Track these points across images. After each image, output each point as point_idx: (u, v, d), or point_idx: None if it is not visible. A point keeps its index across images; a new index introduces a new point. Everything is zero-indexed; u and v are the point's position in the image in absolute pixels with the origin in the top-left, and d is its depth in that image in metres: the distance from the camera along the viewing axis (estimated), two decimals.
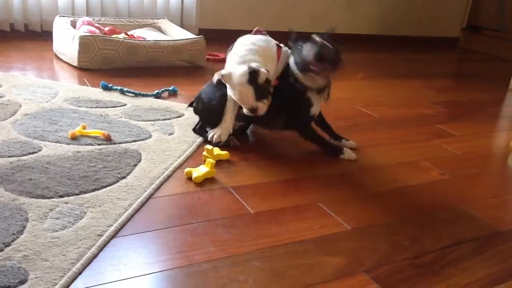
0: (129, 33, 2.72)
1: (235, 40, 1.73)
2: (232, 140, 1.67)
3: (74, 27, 2.60)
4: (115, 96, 2.00)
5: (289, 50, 1.69)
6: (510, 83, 3.08)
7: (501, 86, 3.11)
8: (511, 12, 4.28)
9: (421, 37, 4.41)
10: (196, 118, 1.76)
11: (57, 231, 1.09)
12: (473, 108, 2.60)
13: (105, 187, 1.30)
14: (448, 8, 4.49)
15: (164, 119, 1.82)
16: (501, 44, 4.20)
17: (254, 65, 1.56)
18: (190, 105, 1.78)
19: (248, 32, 1.79)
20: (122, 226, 1.15)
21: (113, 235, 1.11)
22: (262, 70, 1.55)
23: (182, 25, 3.22)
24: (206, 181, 1.41)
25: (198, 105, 1.72)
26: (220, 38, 2.15)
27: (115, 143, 1.56)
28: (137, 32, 2.77)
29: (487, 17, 4.49)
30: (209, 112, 1.69)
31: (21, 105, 1.79)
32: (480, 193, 1.60)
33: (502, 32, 4.29)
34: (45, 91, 1.96)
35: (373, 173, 1.63)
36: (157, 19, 3.02)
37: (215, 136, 1.65)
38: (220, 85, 1.62)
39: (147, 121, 1.78)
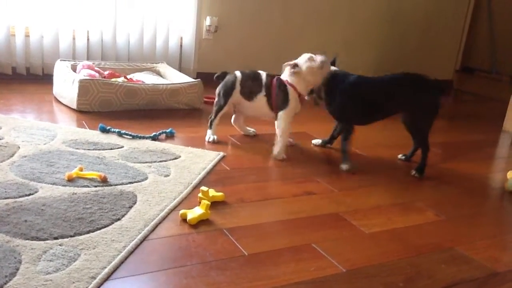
0: (128, 76, 2.78)
1: None
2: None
3: (75, 70, 2.66)
4: (112, 139, 2.02)
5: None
6: (503, 124, 3.12)
7: (495, 127, 3.14)
8: (503, 54, 4.38)
9: None
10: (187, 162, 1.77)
11: (50, 273, 1.08)
12: (467, 149, 2.63)
13: (99, 229, 1.30)
14: (441, 51, 4.59)
15: (160, 161, 1.83)
16: (494, 85, 4.28)
17: None
18: None
19: None
20: (116, 268, 1.15)
21: (107, 278, 1.11)
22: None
23: (180, 69, 3.29)
24: (201, 223, 1.42)
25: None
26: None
27: (111, 185, 1.57)
28: (136, 76, 2.83)
29: (480, 59, 4.60)
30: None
31: (19, 147, 1.81)
32: (476, 234, 1.60)
33: (495, 74, 4.38)
34: (43, 133, 1.99)
35: (367, 213, 1.64)
36: (156, 63, 3.09)
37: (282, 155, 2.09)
38: None
39: (143, 163, 1.80)
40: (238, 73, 2.17)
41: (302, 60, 2.07)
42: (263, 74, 2.16)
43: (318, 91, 2.12)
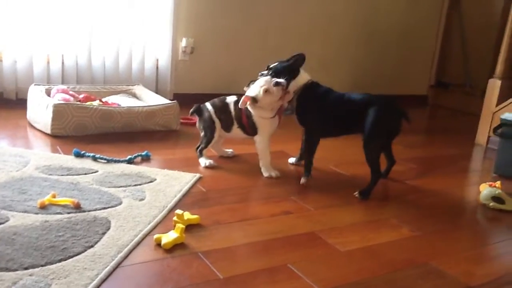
0: (103, 99, 2.76)
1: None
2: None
3: (49, 95, 2.64)
4: (87, 163, 2.00)
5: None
6: (476, 138, 3.18)
7: (469, 140, 3.20)
8: (476, 68, 4.47)
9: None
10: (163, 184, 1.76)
11: None
12: (442, 163, 2.67)
13: (72, 257, 1.28)
14: (415, 68, 4.68)
15: (135, 185, 1.82)
16: (468, 99, 4.36)
17: None
18: None
19: (223, 94, 2.20)
20: None
21: None
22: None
23: (157, 90, 3.29)
24: (176, 247, 1.40)
25: None
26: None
27: (84, 211, 1.56)
28: (112, 99, 2.82)
29: (453, 74, 4.69)
30: None
31: None
32: (450, 248, 1.62)
33: (469, 87, 4.47)
34: (16, 160, 1.96)
35: (343, 231, 1.64)
36: (132, 85, 3.08)
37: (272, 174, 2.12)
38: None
39: (118, 187, 1.78)
40: (209, 107, 2.19)
41: (259, 94, 2.02)
42: (231, 104, 2.16)
43: (292, 101, 2.10)
